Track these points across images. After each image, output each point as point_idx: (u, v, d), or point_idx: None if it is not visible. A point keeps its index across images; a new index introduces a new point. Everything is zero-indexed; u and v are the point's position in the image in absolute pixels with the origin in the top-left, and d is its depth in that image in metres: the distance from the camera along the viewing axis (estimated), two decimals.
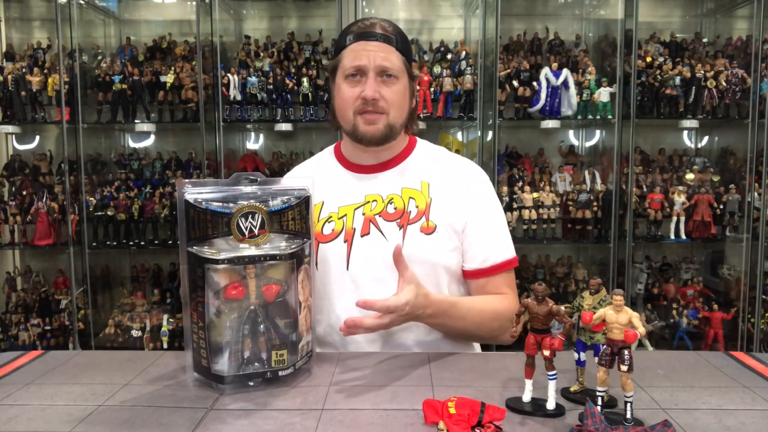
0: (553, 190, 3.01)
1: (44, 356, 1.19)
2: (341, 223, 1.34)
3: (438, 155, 1.45)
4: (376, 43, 1.30)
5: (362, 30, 1.32)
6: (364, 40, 1.31)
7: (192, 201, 0.96)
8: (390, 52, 1.31)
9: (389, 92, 1.30)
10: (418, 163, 1.41)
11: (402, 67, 1.33)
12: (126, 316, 3.05)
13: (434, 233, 1.31)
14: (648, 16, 3.21)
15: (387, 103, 1.30)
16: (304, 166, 1.54)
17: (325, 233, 1.34)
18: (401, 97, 1.33)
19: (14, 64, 2.98)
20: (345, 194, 1.38)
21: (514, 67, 2.99)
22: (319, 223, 1.35)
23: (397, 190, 1.36)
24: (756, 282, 2.93)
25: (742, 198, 2.97)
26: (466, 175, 1.40)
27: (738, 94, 2.94)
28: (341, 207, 1.36)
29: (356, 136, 1.33)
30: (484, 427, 0.81)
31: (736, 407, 0.92)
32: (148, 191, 3.04)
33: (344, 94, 1.32)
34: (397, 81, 1.32)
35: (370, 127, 1.31)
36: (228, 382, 0.97)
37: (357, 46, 1.31)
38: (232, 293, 0.95)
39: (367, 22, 1.34)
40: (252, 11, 3.39)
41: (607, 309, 0.84)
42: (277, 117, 3.02)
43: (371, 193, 1.36)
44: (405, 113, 1.36)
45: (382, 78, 1.30)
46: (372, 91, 1.28)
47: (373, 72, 1.29)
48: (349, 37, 1.33)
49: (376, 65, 1.29)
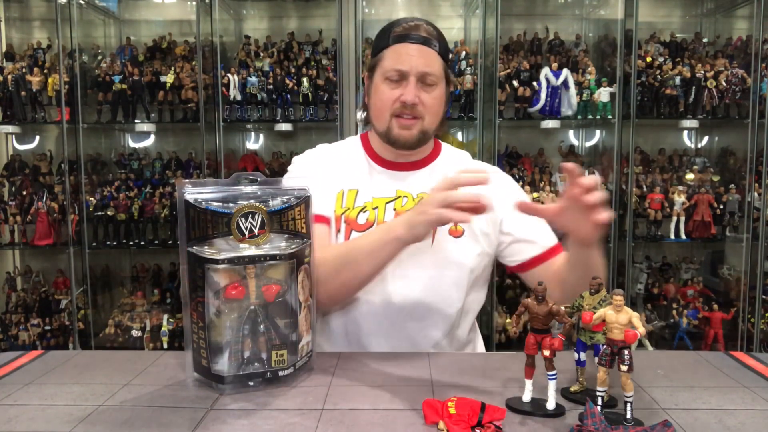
0: (553, 190, 3.00)
1: (44, 356, 1.19)
2: (374, 214, 1.33)
3: (463, 159, 1.46)
4: (419, 46, 1.28)
5: (406, 31, 1.30)
6: (407, 42, 1.28)
7: (192, 201, 0.96)
8: (432, 57, 1.29)
9: (428, 98, 1.29)
10: (446, 165, 1.41)
11: (442, 73, 1.31)
12: (126, 316, 3.05)
13: (462, 237, 1.31)
14: (648, 16, 3.21)
15: (425, 108, 1.29)
16: (327, 148, 1.48)
17: (360, 222, 1.33)
18: (439, 104, 1.32)
19: (14, 64, 2.98)
20: (377, 186, 1.37)
21: (514, 67, 2.99)
22: (355, 210, 1.34)
23: (427, 190, 1.34)
24: (756, 282, 2.92)
25: (742, 198, 2.97)
26: (493, 179, 1.37)
27: (738, 94, 2.94)
28: (375, 198, 1.35)
29: (389, 139, 1.33)
30: (484, 427, 0.81)
31: (736, 407, 0.92)
32: (148, 191, 3.04)
33: (383, 95, 1.30)
34: (436, 87, 1.30)
35: (404, 132, 1.30)
36: (228, 382, 0.97)
37: (400, 48, 1.29)
38: (232, 293, 0.95)
39: (412, 23, 1.31)
40: (252, 11, 3.39)
41: (607, 309, 0.84)
42: (277, 117, 3.02)
43: (402, 189, 1.36)
44: (440, 119, 1.36)
45: (422, 83, 1.29)
46: (412, 96, 1.27)
47: (414, 77, 1.27)
48: (392, 36, 1.31)
49: (418, 71, 1.27)
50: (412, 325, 1.31)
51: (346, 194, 1.36)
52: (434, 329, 1.32)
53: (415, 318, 1.31)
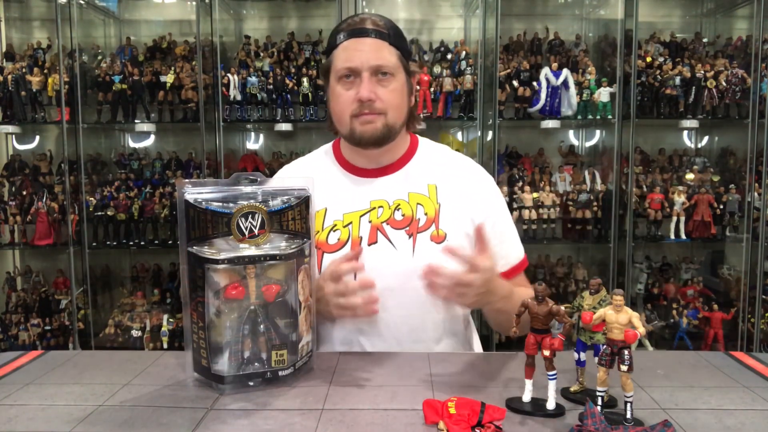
0: (553, 190, 3.00)
1: (44, 356, 1.19)
2: (347, 231, 1.28)
3: (442, 155, 1.40)
4: (369, 39, 1.23)
5: (352, 27, 1.25)
6: (355, 37, 1.24)
7: (192, 201, 0.96)
8: (383, 49, 1.24)
9: (385, 92, 1.24)
10: (423, 165, 1.35)
11: (397, 63, 1.26)
12: (126, 316, 3.05)
13: (445, 242, 1.26)
14: (648, 16, 3.21)
15: (384, 103, 1.24)
16: (296, 165, 1.45)
17: (330, 242, 1.28)
18: (399, 96, 1.27)
19: (14, 64, 2.98)
20: (349, 200, 1.31)
21: (514, 67, 2.99)
22: (324, 231, 1.29)
23: (404, 195, 1.30)
24: (756, 282, 2.92)
25: (742, 198, 2.97)
26: (473, 177, 1.36)
27: (738, 94, 2.94)
28: (346, 214, 1.29)
29: (354, 139, 1.27)
30: (484, 427, 0.81)
31: (736, 407, 0.92)
32: (148, 191, 3.04)
33: (339, 98, 1.26)
34: (393, 79, 1.25)
35: (368, 127, 1.25)
36: (228, 382, 0.97)
37: (348, 44, 1.24)
38: (232, 293, 0.95)
39: (357, 19, 1.27)
40: (252, 11, 3.39)
41: (607, 309, 0.84)
42: (277, 117, 3.02)
43: (376, 199, 1.30)
44: (404, 112, 1.30)
45: (377, 77, 1.24)
46: (367, 91, 1.22)
47: (367, 72, 1.22)
48: (339, 36, 1.26)
49: (369, 65, 1.22)
50: (403, 338, 1.27)
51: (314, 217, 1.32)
52: (426, 339, 1.28)
53: (406, 331, 1.27)
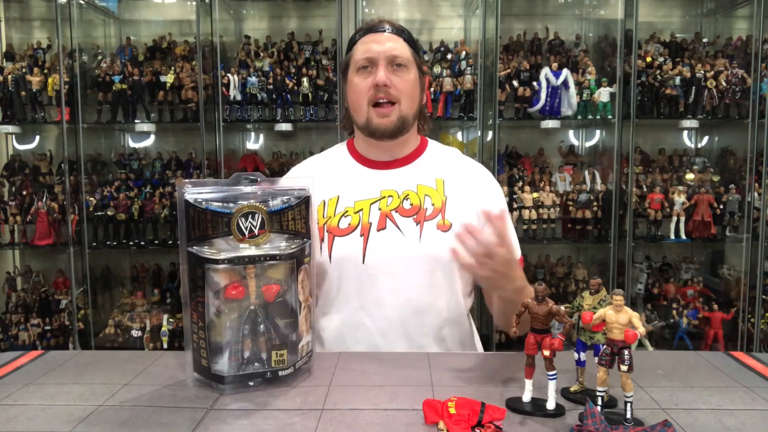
0: (553, 190, 3.00)
1: (44, 356, 1.19)
2: (357, 217, 1.35)
3: (450, 155, 1.48)
4: (385, 34, 1.35)
5: (371, 25, 1.38)
6: (373, 32, 1.36)
7: (192, 201, 0.96)
8: (399, 43, 1.35)
9: (400, 81, 1.33)
10: (432, 161, 1.44)
11: (411, 58, 1.36)
12: (126, 316, 3.05)
13: (450, 231, 1.32)
14: (648, 16, 3.21)
15: (398, 91, 1.33)
16: (315, 160, 1.54)
17: (341, 227, 1.35)
18: (412, 87, 1.36)
19: (14, 64, 2.98)
20: (360, 189, 1.39)
21: (514, 67, 2.99)
22: (336, 217, 1.36)
23: (413, 186, 1.38)
24: (756, 282, 2.92)
25: (742, 198, 2.97)
26: (479, 177, 1.44)
27: (738, 94, 2.94)
28: (357, 201, 1.37)
29: (369, 130, 1.35)
30: (484, 427, 0.81)
31: (736, 407, 0.92)
32: (148, 191, 3.04)
33: (357, 87, 1.35)
34: (407, 70, 1.35)
35: (383, 120, 1.33)
36: (228, 382, 0.97)
37: (367, 38, 1.36)
38: (232, 293, 0.95)
39: (375, 19, 1.40)
40: (252, 11, 3.39)
41: (607, 309, 0.84)
42: (277, 117, 3.02)
43: (387, 188, 1.38)
44: (416, 105, 1.39)
45: (392, 67, 1.33)
46: (383, 76, 1.31)
47: (383, 61, 1.32)
48: (358, 34, 1.39)
49: (386, 55, 1.32)
50: (407, 320, 1.31)
51: (327, 204, 1.38)
52: (429, 323, 1.32)
53: (409, 313, 1.31)
